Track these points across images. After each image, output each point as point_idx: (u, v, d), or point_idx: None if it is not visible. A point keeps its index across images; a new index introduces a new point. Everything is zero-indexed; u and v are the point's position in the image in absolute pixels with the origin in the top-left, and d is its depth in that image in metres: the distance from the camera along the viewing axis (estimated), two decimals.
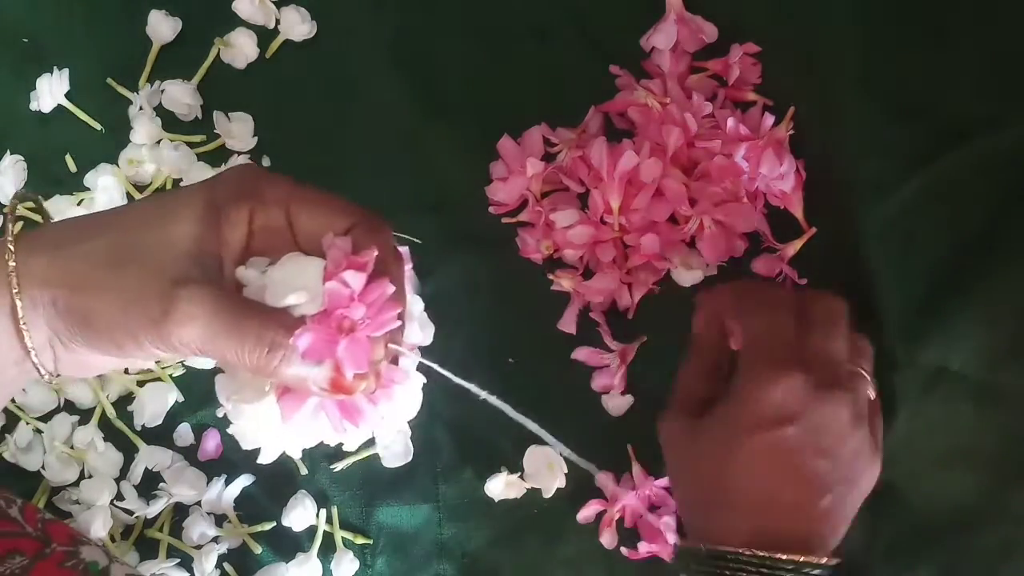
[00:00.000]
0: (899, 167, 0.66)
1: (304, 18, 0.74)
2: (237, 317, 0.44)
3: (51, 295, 0.45)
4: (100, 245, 0.46)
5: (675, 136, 0.67)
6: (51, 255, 0.46)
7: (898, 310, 0.66)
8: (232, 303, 0.44)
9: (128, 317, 0.44)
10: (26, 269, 0.45)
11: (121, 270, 0.45)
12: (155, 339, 0.44)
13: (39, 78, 0.74)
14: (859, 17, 0.67)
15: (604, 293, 0.69)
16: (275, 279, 0.45)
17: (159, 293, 0.44)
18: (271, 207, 0.47)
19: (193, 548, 0.71)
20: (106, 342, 0.45)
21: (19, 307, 0.45)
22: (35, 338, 0.46)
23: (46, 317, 0.45)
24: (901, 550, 0.66)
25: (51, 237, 0.47)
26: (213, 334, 0.43)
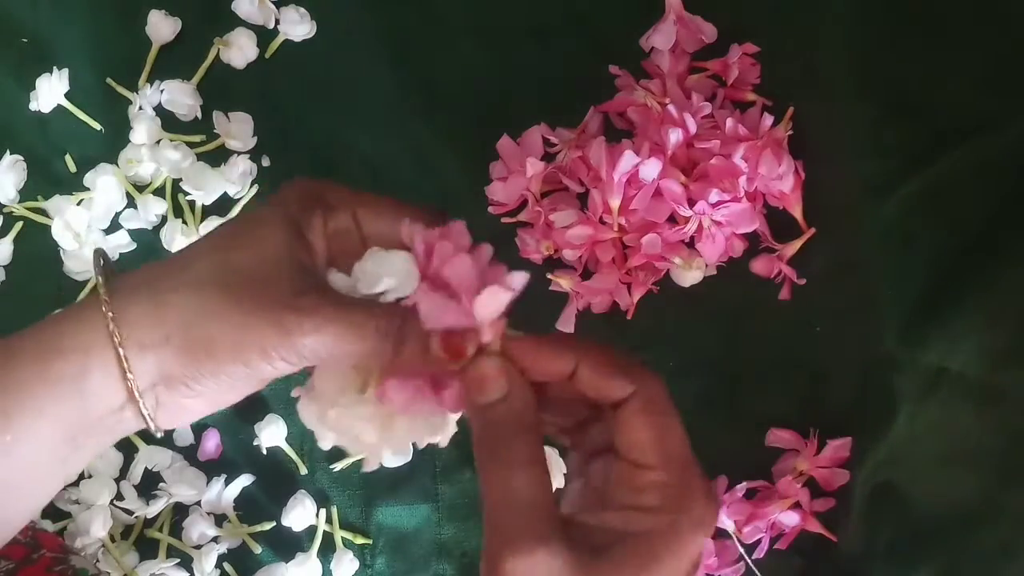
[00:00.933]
0: (899, 167, 0.66)
1: (304, 18, 0.74)
2: (353, 313, 0.44)
3: (162, 334, 0.44)
4: (200, 272, 0.45)
5: (674, 136, 0.67)
6: (151, 293, 0.45)
7: (898, 310, 0.66)
8: (347, 301, 0.45)
9: (255, 334, 0.44)
10: (126, 314, 0.44)
11: (233, 291, 0.44)
12: (286, 352, 0.44)
13: (39, 78, 0.74)
14: (859, 17, 0.67)
15: (603, 293, 0.69)
16: (364, 272, 0.46)
17: (283, 306, 0.44)
18: (339, 212, 0.48)
19: (193, 548, 0.71)
20: (233, 364, 0.44)
21: (123, 356, 0.44)
22: (141, 382, 0.44)
23: (156, 360, 0.44)
24: (901, 550, 0.66)
25: (144, 278, 0.46)
26: (337, 335, 0.44)
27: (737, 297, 0.70)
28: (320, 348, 0.44)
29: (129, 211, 0.74)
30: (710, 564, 0.67)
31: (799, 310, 0.69)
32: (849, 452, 0.67)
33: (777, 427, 0.69)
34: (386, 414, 0.46)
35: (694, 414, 0.69)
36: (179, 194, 0.74)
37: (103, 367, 0.44)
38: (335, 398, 0.46)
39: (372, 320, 0.44)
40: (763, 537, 0.67)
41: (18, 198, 0.75)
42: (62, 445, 0.45)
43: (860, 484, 0.67)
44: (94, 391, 0.44)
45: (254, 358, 0.44)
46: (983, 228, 0.64)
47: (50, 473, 0.46)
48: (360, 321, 0.44)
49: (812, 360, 0.69)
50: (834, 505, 0.68)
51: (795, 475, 0.68)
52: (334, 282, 0.47)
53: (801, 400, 0.69)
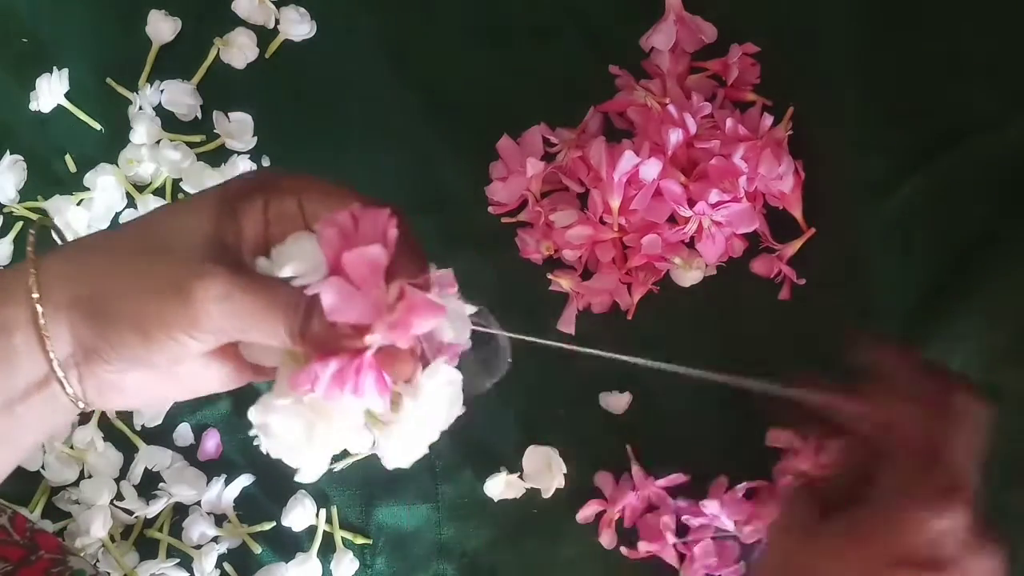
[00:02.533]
0: (899, 167, 0.66)
1: (304, 18, 0.74)
2: (265, 289, 0.43)
3: (73, 293, 0.44)
4: (122, 241, 0.46)
5: (674, 136, 0.67)
6: (73, 257, 0.45)
7: (898, 310, 0.66)
8: (258, 278, 0.44)
9: (157, 305, 0.43)
10: (46, 273, 0.44)
11: (143, 261, 0.44)
12: (187, 325, 0.42)
13: (39, 78, 0.74)
14: (859, 17, 0.68)
15: (603, 293, 0.69)
16: (280, 254, 0.45)
17: (187, 276, 0.43)
18: (285, 196, 0.46)
19: (193, 548, 0.71)
20: (132, 335, 0.43)
21: (40, 313, 0.43)
22: (58, 351, 0.44)
23: (69, 321, 0.44)
24: None
25: (72, 244, 0.47)
26: (245, 310, 0.42)
27: (737, 297, 0.70)
28: (226, 322, 0.42)
29: (129, 211, 0.74)
30: (710, 564, 0.67)
31: (799, 310, 0.69)
32: None
33: (777, 427, 0.69)
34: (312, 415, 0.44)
35: (694, 414, 0.70)
36: (179, 194, 0.74)
37: (25, 324, 0.44)
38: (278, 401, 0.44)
39: (282, 294, 0.43)
40: (763, 537, 0.67)
41: (18, 198, 0.75)
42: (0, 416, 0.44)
43: None
44: (18, 350, 0.44)
45: (153, 329, 0.43)
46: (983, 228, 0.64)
47: None
48: (268, 294, 0.43)
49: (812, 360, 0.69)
50: None
51: (795, 475, 0.68)
52: (261, 268, 0.45)
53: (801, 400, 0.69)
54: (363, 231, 0.42)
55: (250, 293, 0.42)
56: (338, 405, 0.43)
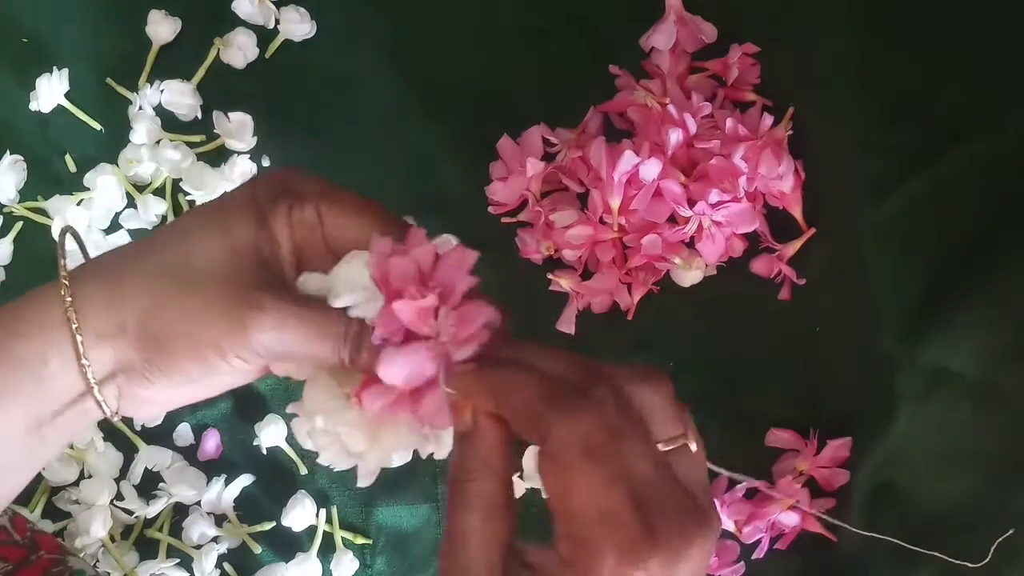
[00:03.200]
0: (899, 167, 0.66)
1: (304, 18, 0.74)
2: (315, 314, 0.43)
3: (118, 321, 0.43)
4: (160, 261, 0.44)
5: (674, 136, 0.67)
6: (110, 281, 0.44)
7: (898, 310, 0.66)
8: (307, 301, 0.44)
9: (210, 330, 0.42)
10: (84, 300, 0.43)
11: (191, 283, 0.43)
12: (241, 351, 0.42)
13: (39, 78, 0.74)
14: (859, 17, 0.68)
15: (603, 293, 0.69)
16: (338, 278, 0.44)
17: (238, 301, 0.42)
18: (305, 203, 0.46)
19: (193, 548, 0.71)
20: (187, 359, 0.43)
21: (79, 342, 0.42)
22: (96, 373, 0.43)
23: (114, 348, 0.43)
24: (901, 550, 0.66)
25: (106, 265, 0.45)
26: (297, 335, 0.42)
27: (737, 297, 0.70)
28: (277, 347, 0.43)
29: (129, 211, 0.74)
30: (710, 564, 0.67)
31: (799, 310, 0.69)
32: (849, 452, 0.67)
33: (777, 427, 0.69)
34: (374, 422, 0.44)
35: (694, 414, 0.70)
36: (179, 194, 0.74)
37: (60, 353, 0.43)
38: (322, 406, 0.45)
39: (333, 323, 0.43)
40: (763, 537, 0.67)
41: (18, 198, 0.75)
42: (27, 435, 0.43)
43: (860, 484, 0.67)
44: (53, 376, 0.43)
45: (209, 354, 0.43)
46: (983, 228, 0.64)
47: (17, 463, 0.45)
48: (321, 322, 0.43)
49: (812, 360, 0.69)
50: (834, 505, 0.68)
51: (795, 475, 0.68)
52: (307, 282, 0.45)
53: (801, 400, 0.69)
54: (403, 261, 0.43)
55: (301, 321, 0.43)
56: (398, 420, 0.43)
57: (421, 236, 0.44)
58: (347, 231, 0.46)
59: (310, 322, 0.43)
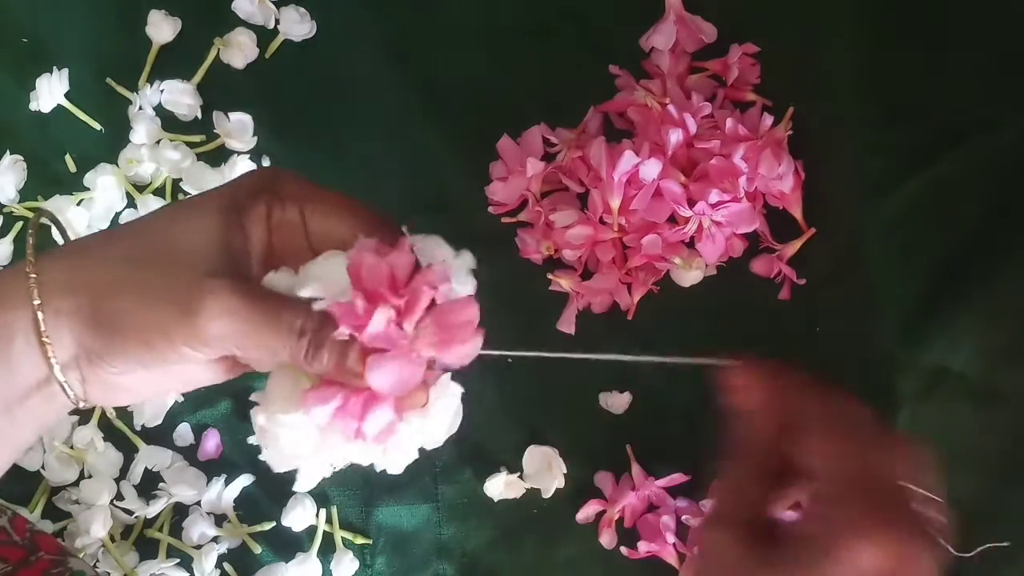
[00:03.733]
0: (899, 167, 0.66)
1: (304, 18, 0.74)
2: (270, 306, 0.42)
3: (75, 302, 0.43)
4: (123, 246, 0.45)
5: (674, 136, 0.67)
6: (72, 262, 0.44)
7: (898, 310, 0.66)
8: (264, 293, 0.43)
9: (159, 315, 0.42)
10: (47, 279, 0.43)
11: (148, 268, 0.43)
12: (188, 336, 0.42)
13: (39, 78, 0.74)
14: (859, 18, 0.68)
15: (603, 293, 0.69)
16: (307, 274, 0.44)
17: (190, 286, 0.42)
18: (287, 203, 0.46)
19: (193, 548, 0.71)
20: (136, 345, 0.42)
21: (41, 319, 0.43)
22: (59, 355, 0.43)
23: (71, 328, 0.43)
24: None
25: (73, 247, 0.46)
26: (247, 325, 0.42)
27: (737, 297, 0.70)
28: (227, 337, 0.42)
29: (129, 211, 0.74)
30: None
31: (799, 310, 0.69)
32: None
33: None
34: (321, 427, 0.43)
35: (694, 414, 0.70)
36: (179, 194, 0.74)
37: (24, 330, 0.43)
38: (277, 402, 0.43)
39: (288, 316, 0.42)
40: None
41: (18, 198, 0.75)
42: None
43: None
44: (19, 355, 0.43)
45: (156, 339, 0.42)
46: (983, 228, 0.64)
47: None
48: (275, 314, 0.42)
49: (812, 360, 0.69)
50: None
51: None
52: (276, 280, 0.44)
53: None
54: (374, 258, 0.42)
55: (254, 312, 0.42)
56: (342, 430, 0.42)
57: (406, 245, 0.43)
58: (333, 233, 0.45)
59: (263, 312, 0.42)
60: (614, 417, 0.70)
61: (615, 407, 0.70)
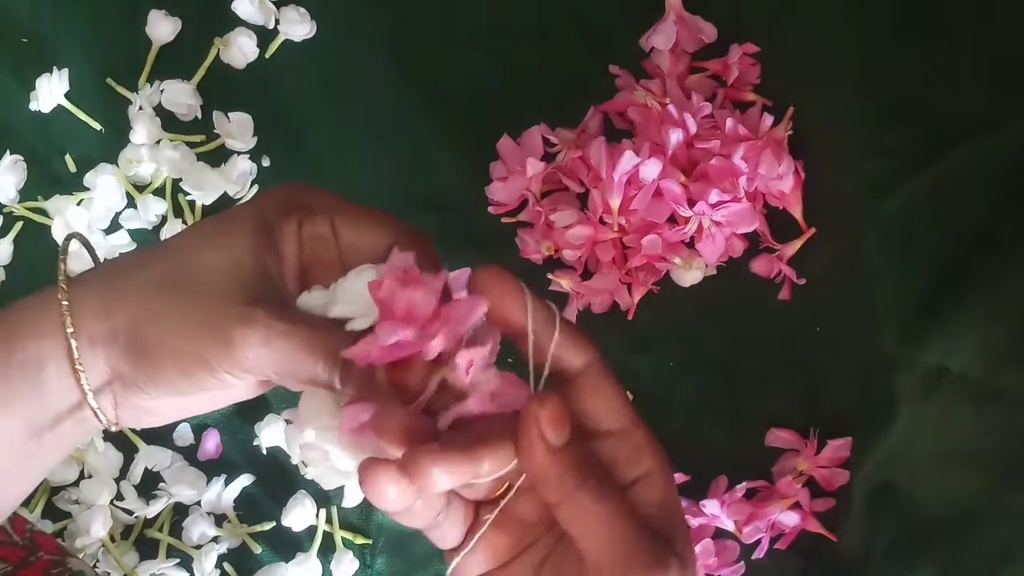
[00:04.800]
0: (899, 167, 0.66)
1: (304, 18, 0.74)
2: (308, 332, 0.41)
3: (109, 328, 0.42)
4: (158, 272, 0.43)
5: (675, 136, 0.67)
6: (106, 288, 0.43)
7: (898, 310, 0.66)
8: (300, 317, 0.43)
9: (196, 344, 0.41)
10: (79, 306, 0.42)
11: (182, 294, 0.42)
12: (228, 366, 0.41)
13: (39, 78, 0.74)
14: (859, 17, 0.67)
15: (604, 293, 0.69)
16: (340, 291, 0.43)
17: (228, 315, 0.41)
18: (317, 217, 0.45)
19: (193, 548, 0.71)
20: (174, 372, 0.42)
21: (74, 347, 0.42)
22: (92, 381, 0.42)
23: (106, 356, 0.42)
24: (901, 550, 0.66)
25: (105, 272, 0.45)
26: (286, 353, 0.41)
27: (737, 297, 0.70)
28: (265, 364, 0.41)
29: (129, 211, 0.74)
30: (710, 564, 0.68)
31: (799, 310, 0.69)
32: (849, 452, 0.67)
33: (777, 427, 0.69)
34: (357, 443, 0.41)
35: (694, 414, 0.70)
36: (179, 194, 0.74)
37: (56, 357, 0.42)
38: (315, 420, 0.43)
39: (324, 342, 0.41)
40: (763, 537, 0.67)
41: (18, 198, 0.75)
42: (27, 441, 0.43)
43: (860, 484, 0.67)
44: (50, 381, 0.42)
45: (195, 368, 0.42)
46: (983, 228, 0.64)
47: (16, 470, 0.44)
48: (312, 340, 0.41)
49: (812, 360, 0.69)
50: (834, 505, 0.68)
51: (795, 475, 0.68)
52: (310, 300, 0.44)
53: (801, 400, 0.69)
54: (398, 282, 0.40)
55: (290, 339, 0.41)
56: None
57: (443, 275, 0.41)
58: (364, 245, 0.45)
59: (300, 340, 0.41)
60: None
61: None
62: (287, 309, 0.43)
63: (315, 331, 0.42)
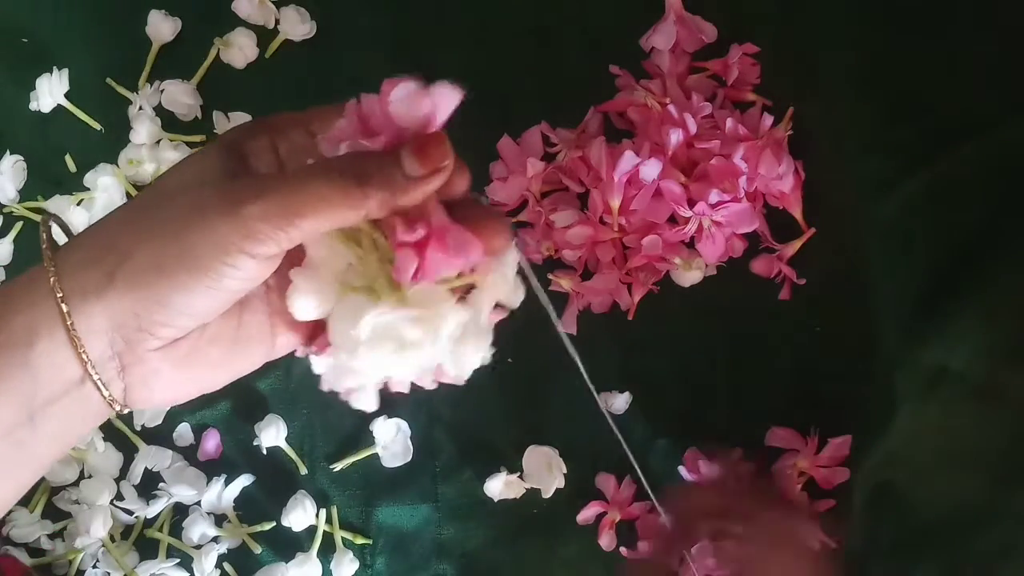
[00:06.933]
0: (899, 167, 0.66)
1: (304, 18, 0.74)
2: (305, 168, 0.41)
3: (104, 274, 0.40)
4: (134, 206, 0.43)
5: (675, 136, 0.67)
6: (90, 240, 0.42)
7: (898, 310, 0.66)
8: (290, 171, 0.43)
9: (199, 234, 0.39)
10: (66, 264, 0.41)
11: (167, 206, 0.41)
12: (239, 239, 0.39)
13: (39, 78, 0.74)
14: (859, 17, 0.67)
15: (604, 293, 0.69)
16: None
17: (219, 193, 0.40)
18: (290, 131, 0.45)
19: (193, 548, 0.71)
20: (186, 274, 0.39)
21: (66, 312, 0.39)
22: (93, 349, 0.40)
23: (104, 307, 0.40)
24: (901, 550, 0.66)
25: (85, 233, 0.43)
26: (294, 193, 0.39)
27: (737, 297, 0.70)
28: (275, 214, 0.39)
29: None
30: (709, 565, 0.67)
31: (799, 310, 0.69)
32: (849, 450, 0.67)
33: (778, 426, 0.69)
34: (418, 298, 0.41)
35: (694, 414, 0.70)
36: None
37: (50, 331, 0.40)
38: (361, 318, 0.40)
39: (323, 167, 0.41)
40: None
41: (18, 198, 0.75)
42: (17, 427, 0.40)
43: (860, 484, 0.67)
44: (42, 356, 0.40)
45: (204, 254, 0.39)
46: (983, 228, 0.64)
47: (4, 461, 0.41)
48: (310, 171, 0.41)
49: (812, 360, 0.69)
50: (834, 505, 0.68)
51: (795, 474, 0.68)
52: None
53: (801, 400, 0.69)
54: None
55: (290, 177, 0.40)
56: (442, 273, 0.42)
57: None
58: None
59: (299, 175, 0.41)
60: (614, 417, 0.70)
61: (615, 407, 0.70)
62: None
63: (315, 165, 0.42)
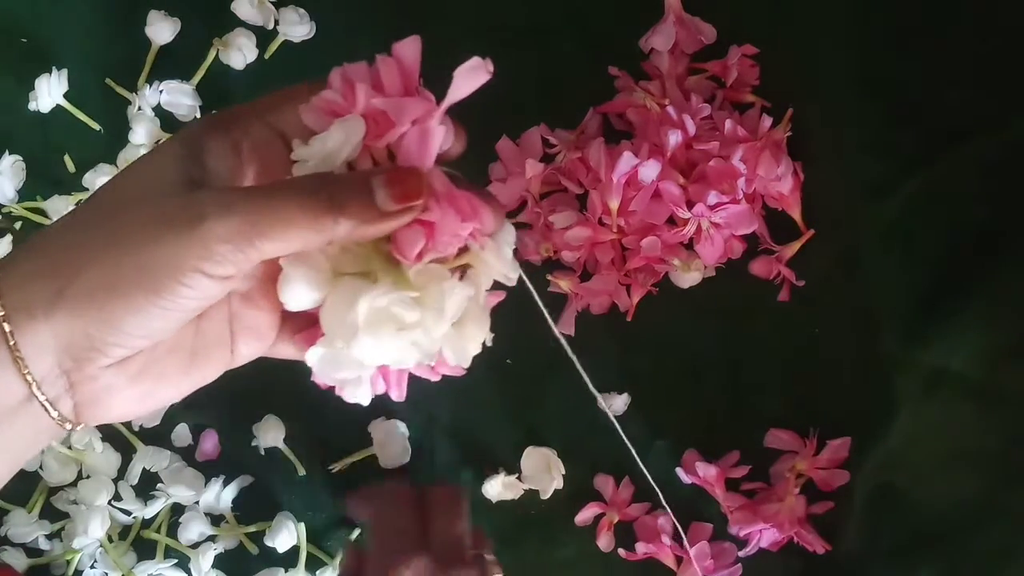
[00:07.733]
0: (899, 167, 0.66)
1: (303, 18, 0.74)
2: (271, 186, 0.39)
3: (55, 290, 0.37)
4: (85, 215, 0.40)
5: (673, 138, 0.66)
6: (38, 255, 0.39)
7: (898, 310, 0.66)
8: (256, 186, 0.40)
9: (156, 245, 0.37)
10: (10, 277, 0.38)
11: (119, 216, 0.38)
12: (199, 255, 0.37)
13: (39, 78, 0.74)
14: (859, 17, 0.67)
15: (602, 294, 0.69)
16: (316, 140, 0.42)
17: (179, 205, 0.37)
18: (250, 126, 0.42)
19: (190, 548, 0.71)
20: (138, 291, 0.37)
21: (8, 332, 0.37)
22: (38, 368, 0.38)
23: (51, 325, 0.38)
24: (902, 550, 0.66)
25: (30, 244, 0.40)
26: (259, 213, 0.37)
27: (736, 299, 0.70)
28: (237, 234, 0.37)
29: None
30: (707, 566, 0.67)
31: (798, 311, 0.69)
32: (848, 452, 0.67)
33: (777, 427, 0.68)
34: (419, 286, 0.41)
35: (693, 415, 0.70)
36: None
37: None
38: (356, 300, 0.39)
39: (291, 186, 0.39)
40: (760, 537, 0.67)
41: (18, 198, 0.75)
42: None
43: (860, 485, 0.67)
44: None
45: (160, 273, 0.37)
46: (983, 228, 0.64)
47: None
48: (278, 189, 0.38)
49: (811, 361, 0.69)
50: (833, 506, 0.67)
51: (793, 476, 0.67)
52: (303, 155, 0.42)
53: (800, 401, 0.69)
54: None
55: (255, 195, 0.38)
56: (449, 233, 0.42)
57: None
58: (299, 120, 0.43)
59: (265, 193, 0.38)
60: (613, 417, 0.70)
61: (615, 408, 0.70)
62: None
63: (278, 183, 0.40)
